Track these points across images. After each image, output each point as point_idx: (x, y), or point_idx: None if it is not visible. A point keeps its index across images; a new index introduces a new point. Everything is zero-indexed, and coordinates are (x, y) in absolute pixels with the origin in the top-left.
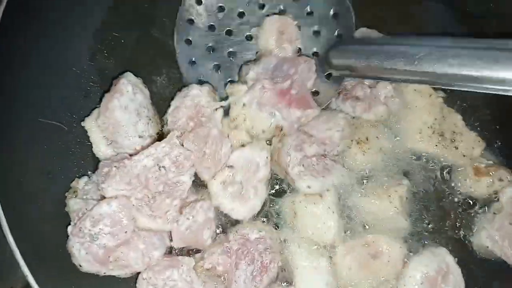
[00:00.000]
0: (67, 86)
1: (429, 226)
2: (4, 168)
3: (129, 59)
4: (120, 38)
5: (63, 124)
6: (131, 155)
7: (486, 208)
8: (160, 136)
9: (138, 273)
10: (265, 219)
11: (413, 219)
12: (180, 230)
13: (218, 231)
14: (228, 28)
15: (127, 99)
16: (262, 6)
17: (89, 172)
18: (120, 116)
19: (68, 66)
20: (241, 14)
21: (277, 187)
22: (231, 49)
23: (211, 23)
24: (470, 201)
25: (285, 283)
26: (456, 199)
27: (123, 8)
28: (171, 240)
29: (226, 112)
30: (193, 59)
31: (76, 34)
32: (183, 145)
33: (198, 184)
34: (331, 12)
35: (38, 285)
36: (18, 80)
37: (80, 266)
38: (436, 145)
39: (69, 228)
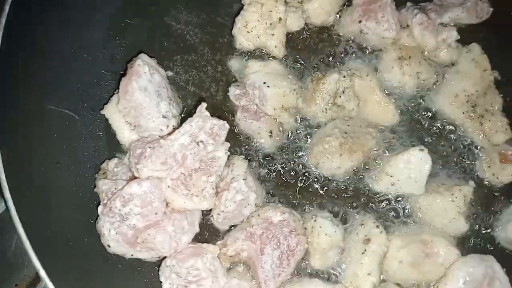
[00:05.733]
0: (79, 73)
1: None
2: (14, 156)
3: (142, 47)
4: (133, 26)
5: (73, 112)
6: (161, 136)
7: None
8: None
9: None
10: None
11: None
12: (223, 215)
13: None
14: None
15: (145, 80)
16: None
17: (116, 154)
18: (141, 98)
19: (81, 53)
20: None
21: None
22: None
23: None
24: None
25: None
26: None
27: None
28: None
29: None
30: None
31: (90, 20)
32: None
33: None
34: None
35: (48, 277)
36: (29, 66)
37: (109, 246)
38: (463, 113)
39: (100, 208)
